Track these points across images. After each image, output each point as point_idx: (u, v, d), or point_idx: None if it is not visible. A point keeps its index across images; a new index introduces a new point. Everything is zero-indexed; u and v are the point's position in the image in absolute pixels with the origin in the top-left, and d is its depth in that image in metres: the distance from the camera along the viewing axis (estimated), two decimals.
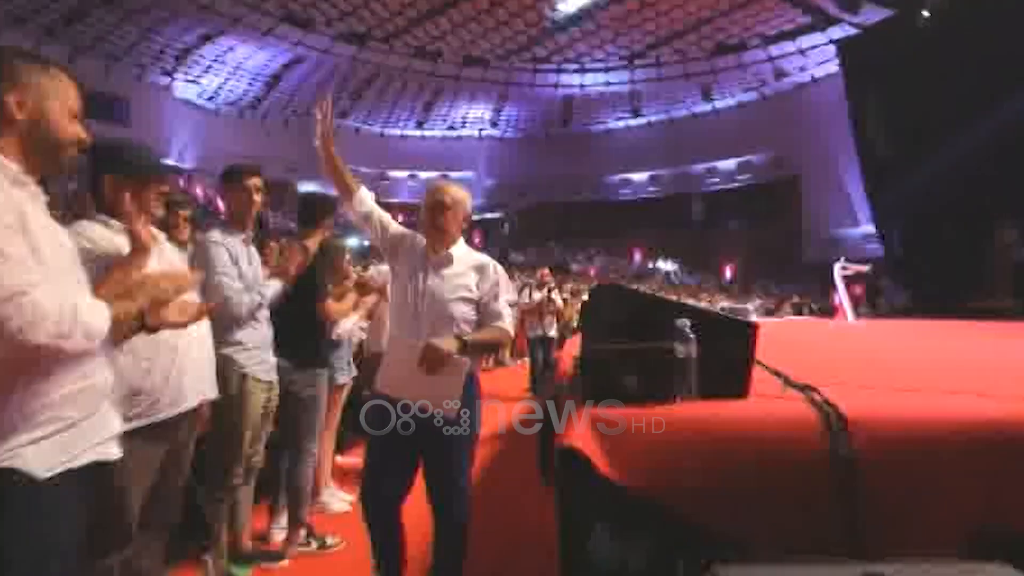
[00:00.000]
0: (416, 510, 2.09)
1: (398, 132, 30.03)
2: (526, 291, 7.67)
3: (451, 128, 30.19)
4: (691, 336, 1.39)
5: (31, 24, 19.04)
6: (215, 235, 2.34)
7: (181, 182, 24.06)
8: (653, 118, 28.40)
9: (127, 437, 1.36)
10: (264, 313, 2.39)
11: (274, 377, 2.44)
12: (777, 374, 1.42)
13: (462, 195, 2.10)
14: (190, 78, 23.74)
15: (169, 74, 23.18)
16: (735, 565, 0.97)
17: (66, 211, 5.38)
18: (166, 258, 1.74)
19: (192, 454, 1.89)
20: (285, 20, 20.69)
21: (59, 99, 1.25)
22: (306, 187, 29.24)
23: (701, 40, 22.31)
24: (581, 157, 29.73)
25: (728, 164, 28.13)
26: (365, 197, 2.17)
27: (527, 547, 2.69)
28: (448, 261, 2.05)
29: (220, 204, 17.12)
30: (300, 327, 2.64)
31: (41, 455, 1.09)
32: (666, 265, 27.69)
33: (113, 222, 1.67)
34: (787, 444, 1.22)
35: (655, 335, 1.44)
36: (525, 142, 30.76)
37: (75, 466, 1.15)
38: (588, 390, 1.43)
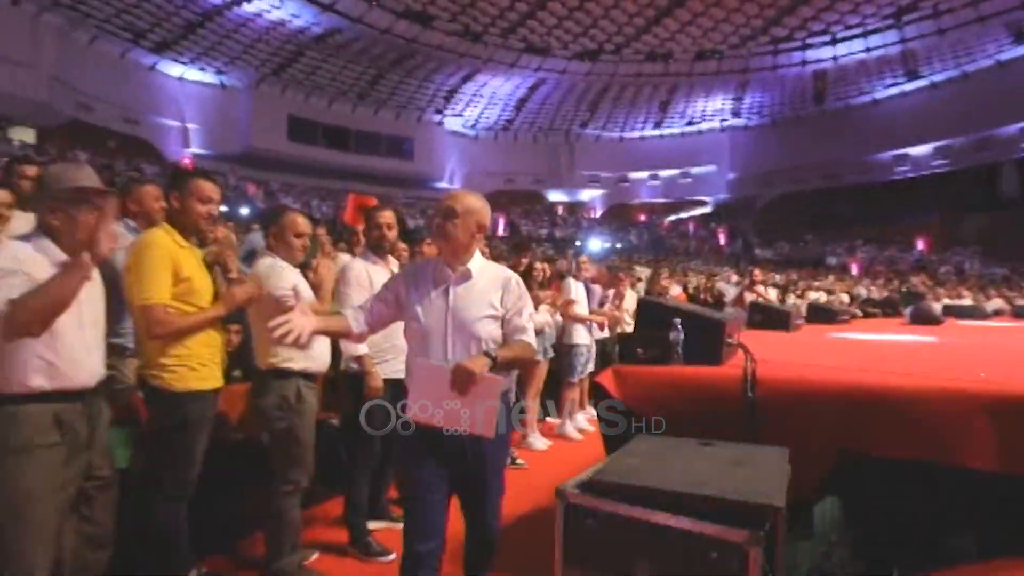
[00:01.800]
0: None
1: (637, 135, 30.79)
2: (729, 291, 7.83)
3: (690, 123, 29.80)
4: (679, 328, 2.12)
5: (349, 93, 25.07)
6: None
7: None
8: (938, 77, 23.87)
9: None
10: None
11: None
12: (747, 352, 2.04)
13: (476, 204, 1.95)
14: (455, 113, 28.19)
15: (440, 112, 27.90)
16: None
17: None
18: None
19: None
20: (527, 51, 23.27)
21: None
22: (553, 195, 32.16)
23: None
24: (840, 136, 26.43)
25: None
26: (355, 321, 1.95)
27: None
28: (468, 277, 1.93)
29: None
30: None
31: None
32: (962, 254, 23.08)
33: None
34: (720, 386, 1.91)
35: (664, 326, 2.19)
36: (772, 128, 28.65)
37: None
38: (618, 357, 2.28)
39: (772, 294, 12.20)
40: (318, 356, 2.54)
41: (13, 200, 2.60)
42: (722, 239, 28.12)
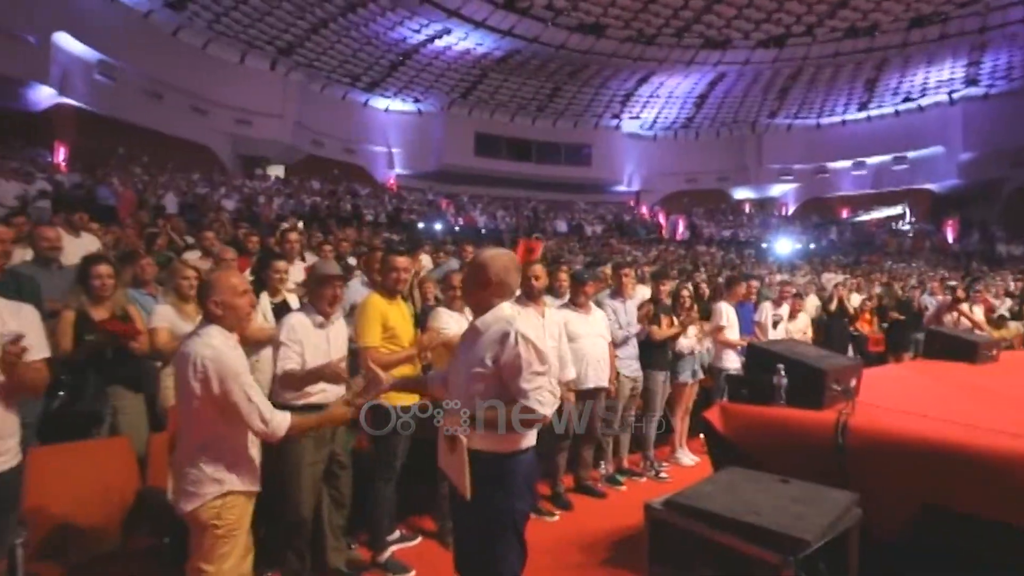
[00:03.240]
0: None
1: (837, 119, 27.71)
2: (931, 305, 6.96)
3: (907, 100, 25.91)
4: (783, 374, 2.34)
5: (529, 107, 26.57)
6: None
7: (631, 202, 28.84)
8: None
9: None
10: None
11: None
12: (849, 399, 2.20)
13: (483, 258, 1.99)
14: (632, 116, 28.14)
15: (617, 116, 28.08)
16: None
17: None
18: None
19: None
20: (704, 46, 22.40)
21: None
22: (738, 193, 30.31)
23: None
24: None
25: None
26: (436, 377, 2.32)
27: None
28: (476, 331, 1.95)
29: (661, 221, 19.84)
30: None
31: None
32: None
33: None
34: (813, 430, 2.13)
35: (770, 369, 2.42)
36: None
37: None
38: (728, 396, 2.56)
39: (1006, 305, 10.33)
40: None
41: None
42: (949, 235, 24.01)
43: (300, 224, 9.87)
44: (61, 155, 15.29)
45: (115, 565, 2.50)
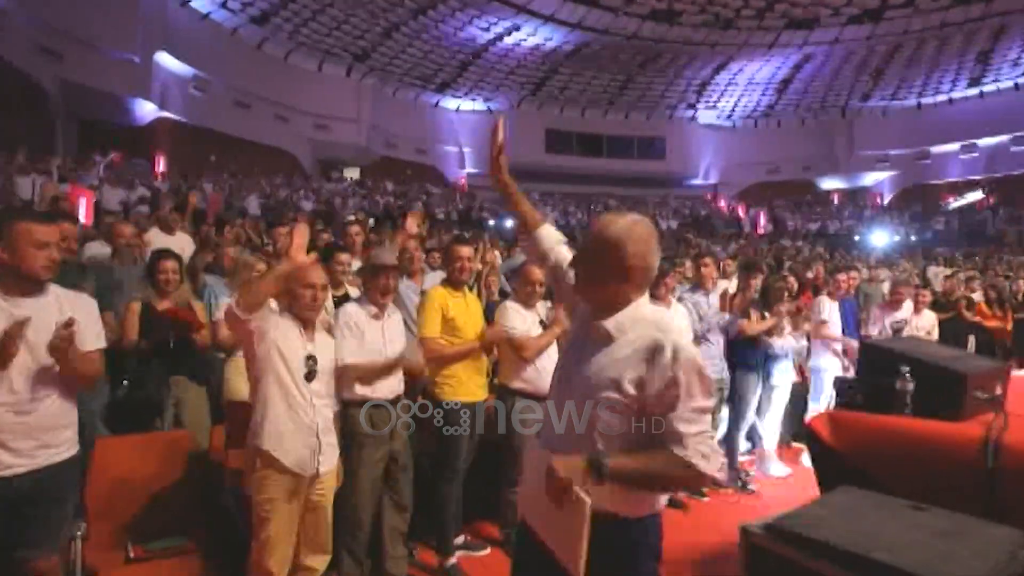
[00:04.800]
0: None
1: (943, 98, 25.29)
2: None
3: None
4: (908, 378, 1.95)
5: (600, 101, 25.99)
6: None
7: (708, 196, 27.63)
8: None
9: None
10: None
11: None
12: (1001, 411, 1.79)
13: (618, 234, 1.37)
14: (709, 105, 26.94)
15: (692, 107, 26.98)
16: None
17: None
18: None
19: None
20: (788, 27, 21.02)
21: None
22: (826, 183, 28.31)
23: None
24: None
25: None
26: (546, 235, 1.69)
27: None
28: (606, 337, 1.38)
29: (741, 214, 18.90)
30: None
31: None
32: None
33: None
34: (952, 447, 1.74)
35: (891, 373, 2.04)
36: None
37: None
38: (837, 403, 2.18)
39: None
40: None
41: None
42: None
43: (371, 221, 10.00)
44: (161, 165, 16.44)
45: (176, 559, 2.46)
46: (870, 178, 27.58)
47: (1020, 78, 23.31)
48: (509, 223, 17.20)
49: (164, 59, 16.66)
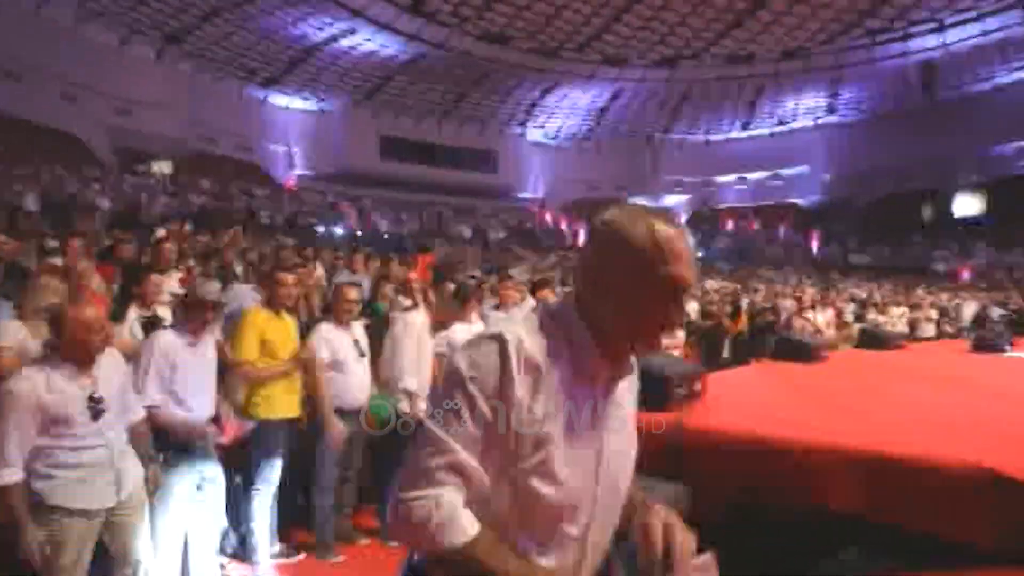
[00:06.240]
0: None
1: (723, 137, 30.02)
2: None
3: (781, 123, 28.63)
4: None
5: (435, 111, 26.58)
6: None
7: (535, 209, 29.59)
8: None
9: None
10: None
11: None
12: (683, 406, 2.52)
13: (618, 226, 1.00)
14: (537, 125, 28.94)
15: (523, 124, 28.75)
16: None
17: None
18: None
19: None
20: (604, 62, 23.55)
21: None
22: (638, 202, 31.80)
23: None
24: (952, 129, 24.28)
25: None
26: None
27: None
28: (625, 388, 1.07)
29: (563, 227, 20.38)
30: None
31: None
32: None
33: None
34: (653, 430, 2.43)
35: None
36: (873, 124, 26.88)
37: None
38: None
39: (850, 308, 11.76)
40: None
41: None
42: (814, 245, 26.77)
43: (186, 227, 9.33)
44: None
45: None
46: (671, 199, 31.69)
47: (774, 127, 28.67)
48: (338, 230, 16.98)
49: None
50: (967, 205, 24.63)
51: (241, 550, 3.19)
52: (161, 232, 6.26)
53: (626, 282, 0.96)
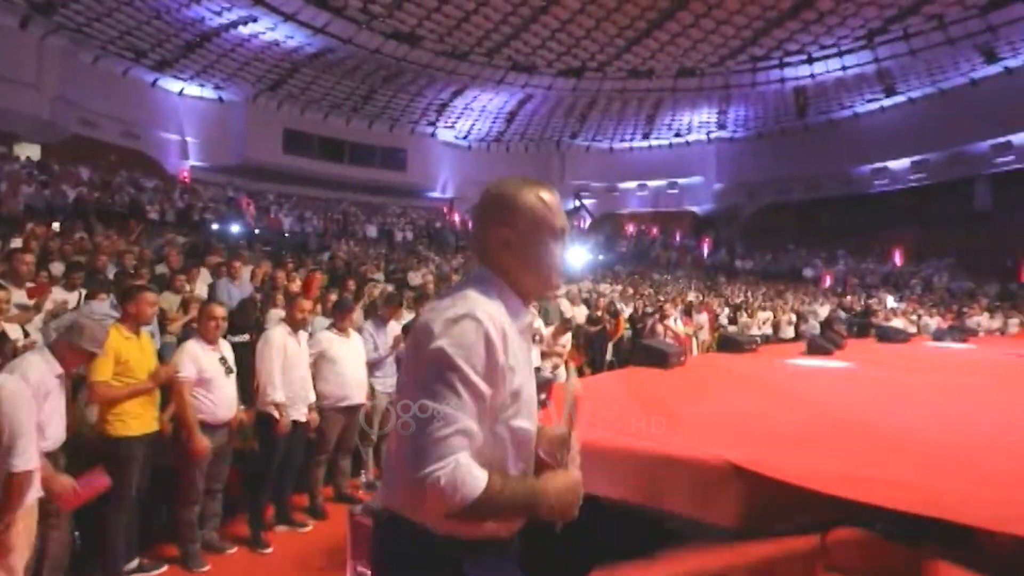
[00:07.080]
0: None
1: (626, 145, 31.53)
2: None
3: (678, 135, 30.53)
4: None
5: (344, 107, 25.99)
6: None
7: (445, 209, 29.70)
8: (915, 94, 24.55)
9: None
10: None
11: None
12: None
13: (491, 192, 1.26)
14: (447, 125, 29.04)
15: (433, 124, 28.75)
16: None
17: None
18: None
19: None
20: (513, 68, 24.09)
21: None
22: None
23: None
24: (823, 149, 27.20)
25: None
26: None
27: None
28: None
29: (470, 226, 20.56)
30: None
31: None
32: (935, 267, 23.77)
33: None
34: None
35: None
36: (758, 140, 29.44)
37: None
38: None
39: (724, 313, 12.91)
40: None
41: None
42: (705, 251, 28.82)
43: (56, 226, 8.69)
44: None
45: None
46: (578, 203, 32.91)
47: (672, 139, 30.57)
48: (236, 227, 16.25)
49: None
50: (833, 218, 27.62)
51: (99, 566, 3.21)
52: (17, 242, 5.81)
53: (527, 236, 1.20)
